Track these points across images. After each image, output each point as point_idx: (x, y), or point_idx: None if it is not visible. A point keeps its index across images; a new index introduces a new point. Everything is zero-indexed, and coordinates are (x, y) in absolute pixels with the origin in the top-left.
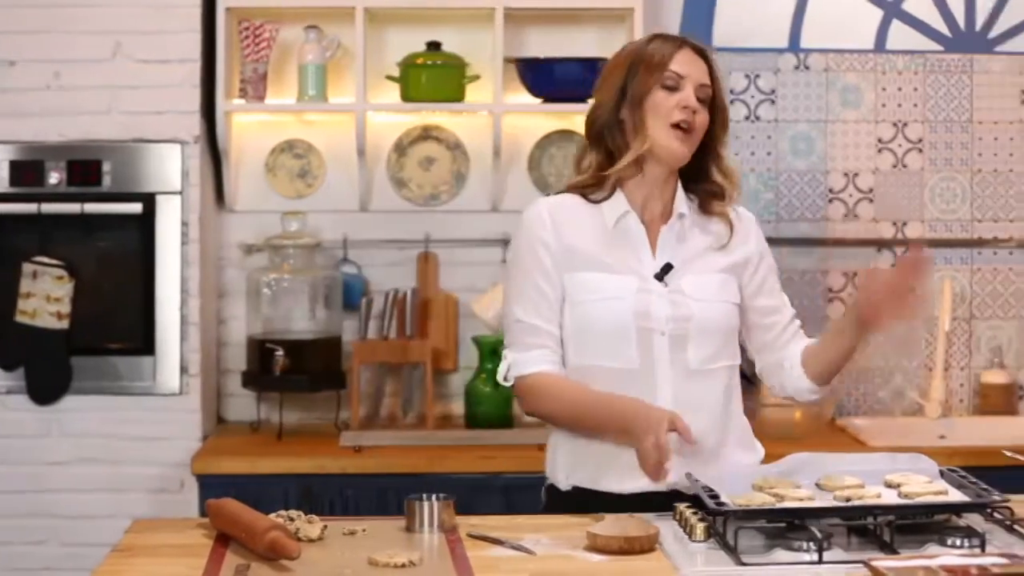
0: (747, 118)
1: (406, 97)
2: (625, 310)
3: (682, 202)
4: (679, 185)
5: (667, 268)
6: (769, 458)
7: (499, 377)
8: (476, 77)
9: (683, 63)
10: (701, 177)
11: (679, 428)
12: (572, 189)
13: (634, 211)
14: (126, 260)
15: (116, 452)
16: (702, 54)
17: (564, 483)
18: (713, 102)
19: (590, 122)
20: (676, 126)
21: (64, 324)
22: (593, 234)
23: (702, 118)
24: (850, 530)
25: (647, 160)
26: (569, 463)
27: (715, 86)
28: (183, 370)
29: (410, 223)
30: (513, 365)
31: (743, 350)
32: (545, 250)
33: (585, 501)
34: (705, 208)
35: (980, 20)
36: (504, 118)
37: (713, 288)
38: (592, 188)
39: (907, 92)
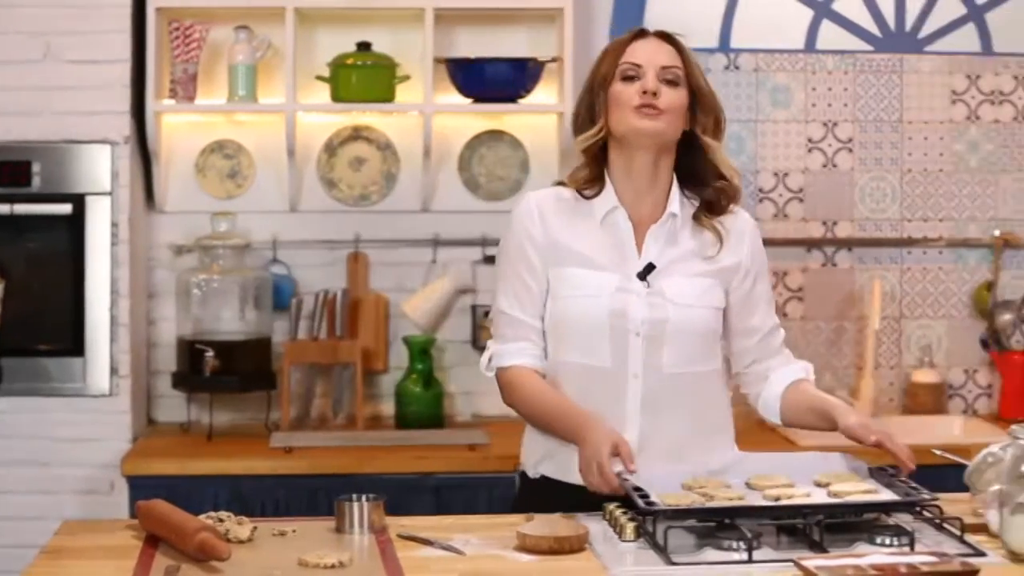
0: None
1: (336, 97)
2: (601, 308)
3: (676, 201)
4: (675, 184)
5: (649, 268)
6: None
7: (481, 367)
8: (406, 77)
9: (639, 51)
10: (700, 178)
11: (622, 454)
12: (567, 184)
13: (623, 207)
14: (56, 261)
15: (46, 453)
16: (667, 39)
17: (532, 471)
18: (690, 84)
19: (573, 126)
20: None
21: None
22: (581, 229)
23: (670, 97)
24: (780, 529)
25: (625, 150)
26: (539, 453)
27: (688, 68)
28: (113, 371)
29: (340, 223)
30: (495, 356)
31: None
32: (531, 245)
33: (552, 490)
34: (697, 218)
35: (910, 20)
36: (434, 118)
37: (695, 292)
38: (585, 184)
39: (837, 92)
